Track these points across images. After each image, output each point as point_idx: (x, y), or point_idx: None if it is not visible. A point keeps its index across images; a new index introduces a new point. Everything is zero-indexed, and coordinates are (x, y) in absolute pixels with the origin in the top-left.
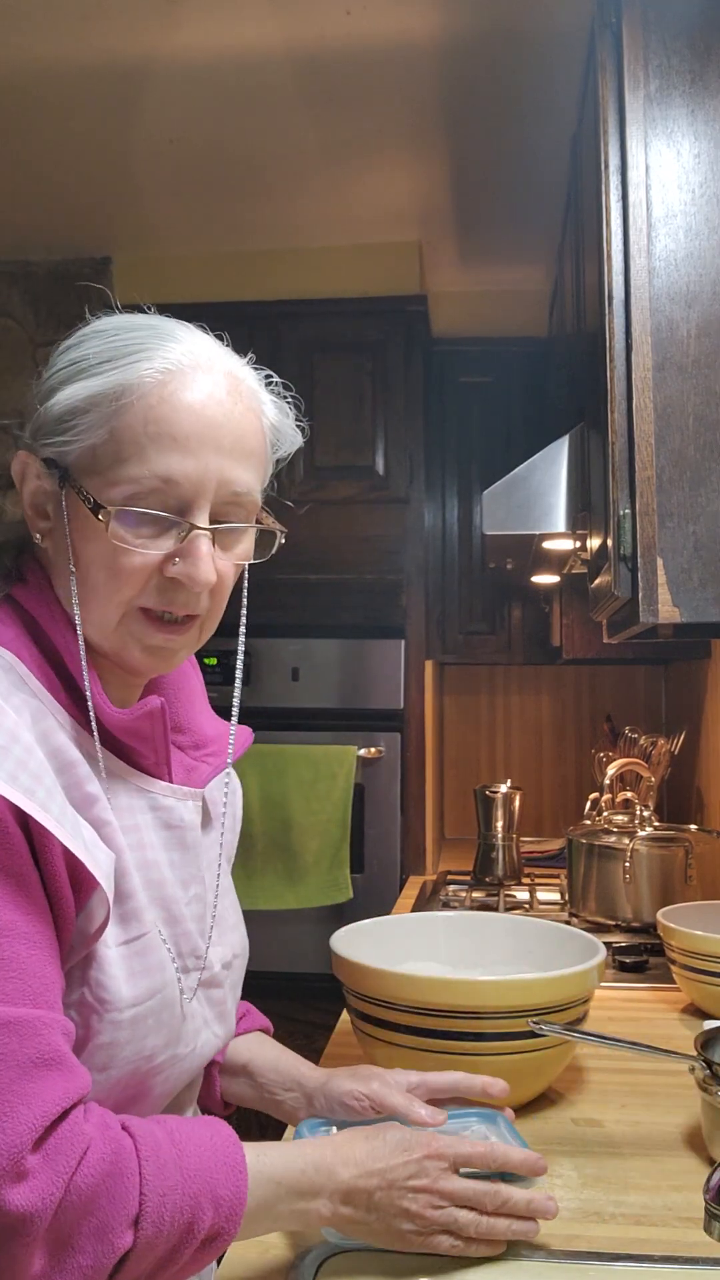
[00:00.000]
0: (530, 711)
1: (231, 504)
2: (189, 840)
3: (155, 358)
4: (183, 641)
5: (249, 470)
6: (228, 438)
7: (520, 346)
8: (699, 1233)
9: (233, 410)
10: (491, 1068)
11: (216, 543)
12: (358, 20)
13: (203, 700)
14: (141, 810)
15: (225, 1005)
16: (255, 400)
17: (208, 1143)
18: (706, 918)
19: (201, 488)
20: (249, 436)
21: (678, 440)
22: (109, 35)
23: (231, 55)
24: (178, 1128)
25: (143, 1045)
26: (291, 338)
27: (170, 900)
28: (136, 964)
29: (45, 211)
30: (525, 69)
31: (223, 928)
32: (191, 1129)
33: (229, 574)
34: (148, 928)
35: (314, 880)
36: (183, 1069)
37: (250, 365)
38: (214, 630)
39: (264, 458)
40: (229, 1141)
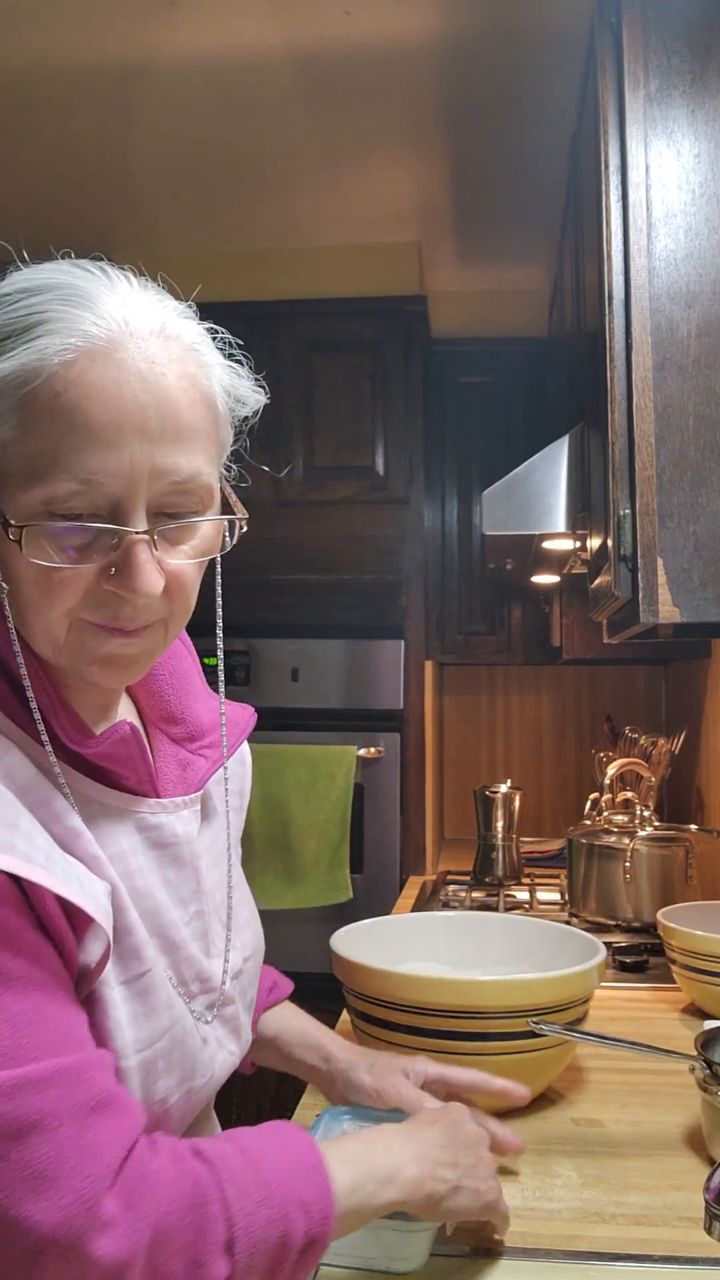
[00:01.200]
0: (530, 711)
1: (176, 493)
2: (184, 855)
3: (61, 330)
4: (143, 646)
5: (190, 452)
6: (155, 419)
7: (520, 346)
8: (699, 1233)
9: (160, 383)
10: (491, 1068)
11: (162, 542)
12: (357, 20)
13: (198, 684)
14: (127, 834)
15: (239, 1020)
16: (193, 362)
17: (283, 1149)
18: (706, 918)
19: (130, 484)
20: (185, 411)
21: (678, 440)
22: (108, 35)
23: (231, 55)
24: (249, 1142)
25: (153, 1091)
26: (291, 338)
27: (167, 926)
28: (140, 1005)
29: (44, 212)
30: (525, 69)
31: (234, 927)
32: (262, 1138)
33: (186, 572)
34: (149, 964)
35: (314, 880)
36: (199, 1100)
37: (188, 317)
38: (183, 627)
39: (212, 432)
40: (304, 1145)
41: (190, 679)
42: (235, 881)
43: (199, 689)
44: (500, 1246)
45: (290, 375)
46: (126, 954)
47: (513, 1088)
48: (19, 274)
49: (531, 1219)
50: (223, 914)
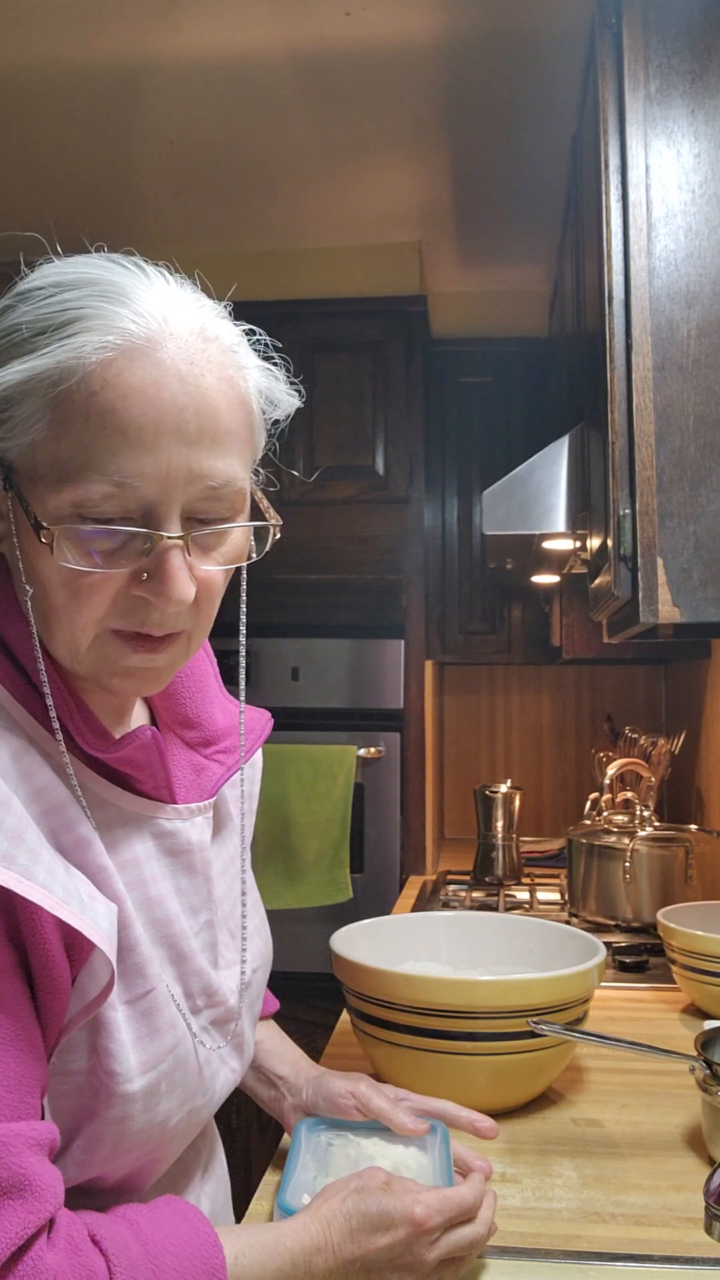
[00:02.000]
0: (530, 711)
1: (209, 499)
2: (197, 863)
3: (98, 327)
4: (166, 659)
5: (226, 456)
6: (193, 421)
7: (520, 346)
8: (699, 1233)
9: (200, 385)
10: (491, 1068)
11: (194, 549)
12: (358, 21)
13: (214, 688)
14: (141, 840)
15: (244, 1036)
16: (231, 365)
17: (186, 1249)
18: (707, 918)
19: (166, 488)
20: (223, 415)
21: (678, 440)
22: (110, 37)
23: (232, 56)
24: (153, 1233)
25: (155, 1114)
26: (292, 338)
27: (177, 937)
28: (144, 1026)
29: (45, 212)
30: (525, 69)
31: (246, 937)
32: (167, 1230)
33: (215, 581)
34: (154, 983)
35: (314, 880)
36: (200, 1119)
37: (226, 317)
38: (204, 639)
39: (247, 436)
40: (208, 1245)
41: (206, 682)
42: (243, 889)
43: (215, 693)
44: None
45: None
46: (129, 972)
47: (479, 1118)
48: (51, 267)
49: (531, 1219)
50: (232, 923)
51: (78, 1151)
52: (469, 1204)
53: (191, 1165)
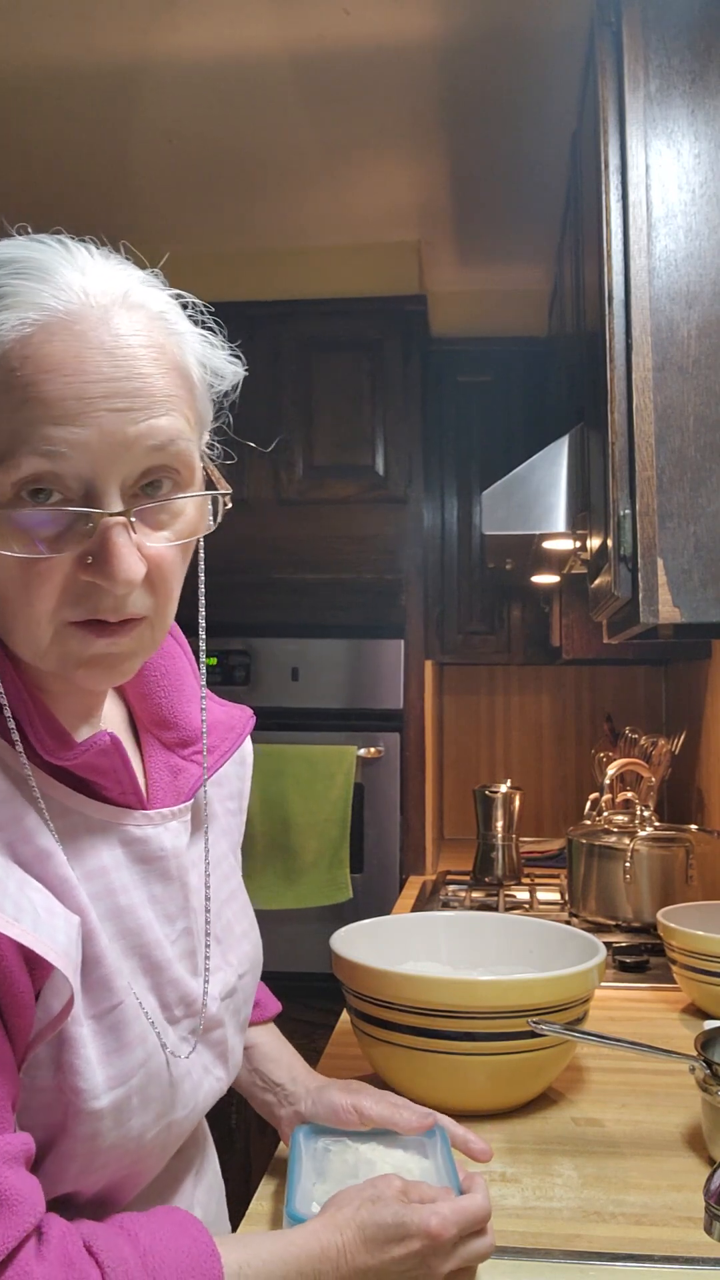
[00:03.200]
0: (530, 711)
1: (157, 466)
2: (172, 870)
3: (16, 304)
4: (130, 644)
5: (164, 415)
6: (122, 388)
7: (520, 346)
8: (699, 1233)
9: (126, 352)
10: (491, 1068)
11: (141, 526)
12: (357, 20)
13: (192, 686)
14: (109, 848)
15: (228, 1043)
16: (160, 330)
17: (184, 1260)
18: (707, 918)
19: (99, 460)
20: (154, 378)
21: (678, 440)
22: (108, 35)
23: (230, 55)
24: (151, 1245)
25: (128, 1130)
26: (290, 337)
27: (150, 947)
28: (112, 1040)
29: (45, 212)
30: (525, 69)
31: (228, 941)
32: (165, 1240)
33: (168, 558)
34: (121, 995)
35: (313, 880)
36: (181, 1131)
37: (154, 285)
38: (170, 622)
39: (187, 398)
40: (206, 1254)
41: (183, 681)
42: (232, 892)
43: (193, 692)
44: None
45: (290, 375)
46: (96, 986)
47: (476, 1142)
48: None
49: (531, 1218)
50: (218, 926)
51: (50, 1167)
52: (482, 1214)
53: (181, 1173)
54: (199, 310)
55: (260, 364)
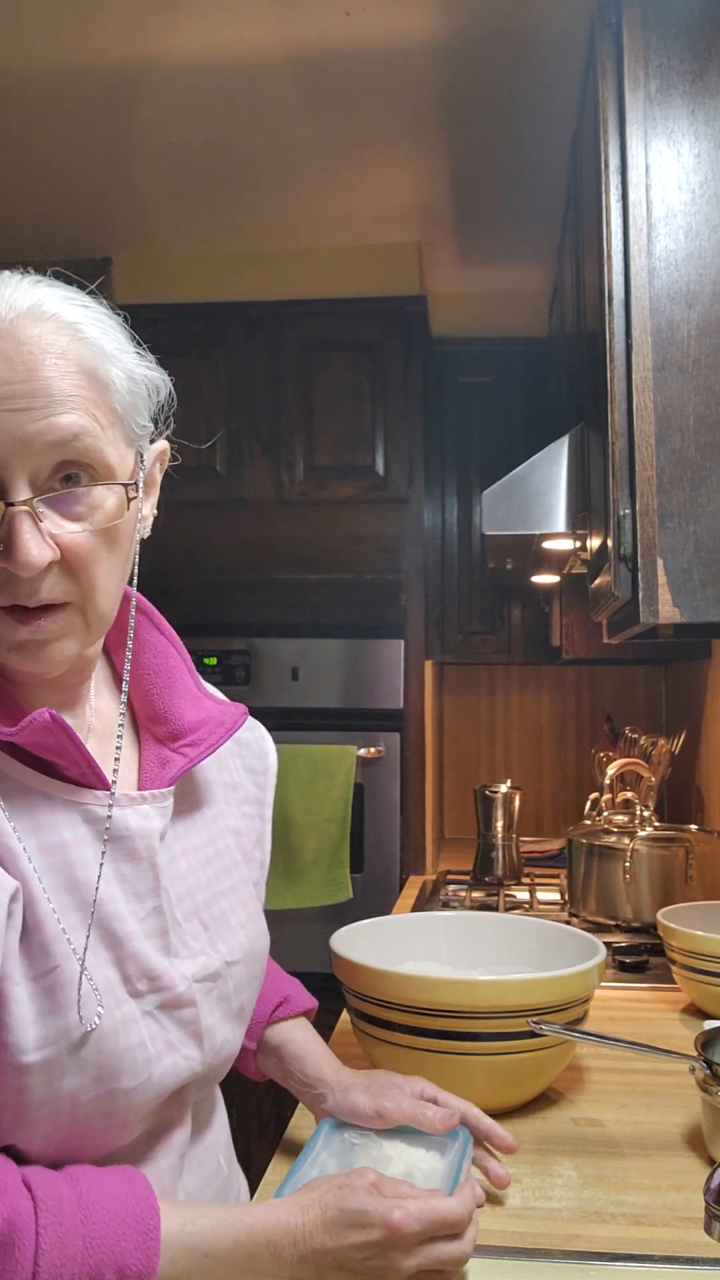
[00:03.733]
0: (530, 711)
1: (64, 462)
2: (140, 849)
3: None
4: (57, 630)
5: (66, 414)
6: (21, 390)
7: (520, 346)
8: (699, 1233)
9: (26, 359)
10: (491, 1067)
11: (52, 514)
12: (357, 21)
13: (184, 683)
14: (71, 825)
15: (199, 1025)
16: (69, 337)
17: (121, 1207)
18: (707, 918)
19: (3, 456)
20: (55, 381)
21: (678, 441)
22: (108, 36)
23: (231, 56)
24: (91, 1188)
25: (58, 1088)
26: (291, 338)
27: (111, 919)
28: (46, 1002)
29: (45, 212)
30: (525, 69)
31: (219, 930)
32: (107, 1189)
33: (83, 545)
34: (58, 960)
35: (313, 880)
36: (133, 1102)
37: (79, 304)
38: (109, 612)
39: (97, 400)
40: (145, 1206)
41: (175, 678)
42: (233, 886)
43: (186, 689)
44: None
45: (291, 375)
46: (35, 950)
47: (500, 1133)
48: None
49: (531, 1218)
50: (207, 914)
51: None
52: (453, 1218)
53: (159, 1154)
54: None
55: (261, 364)
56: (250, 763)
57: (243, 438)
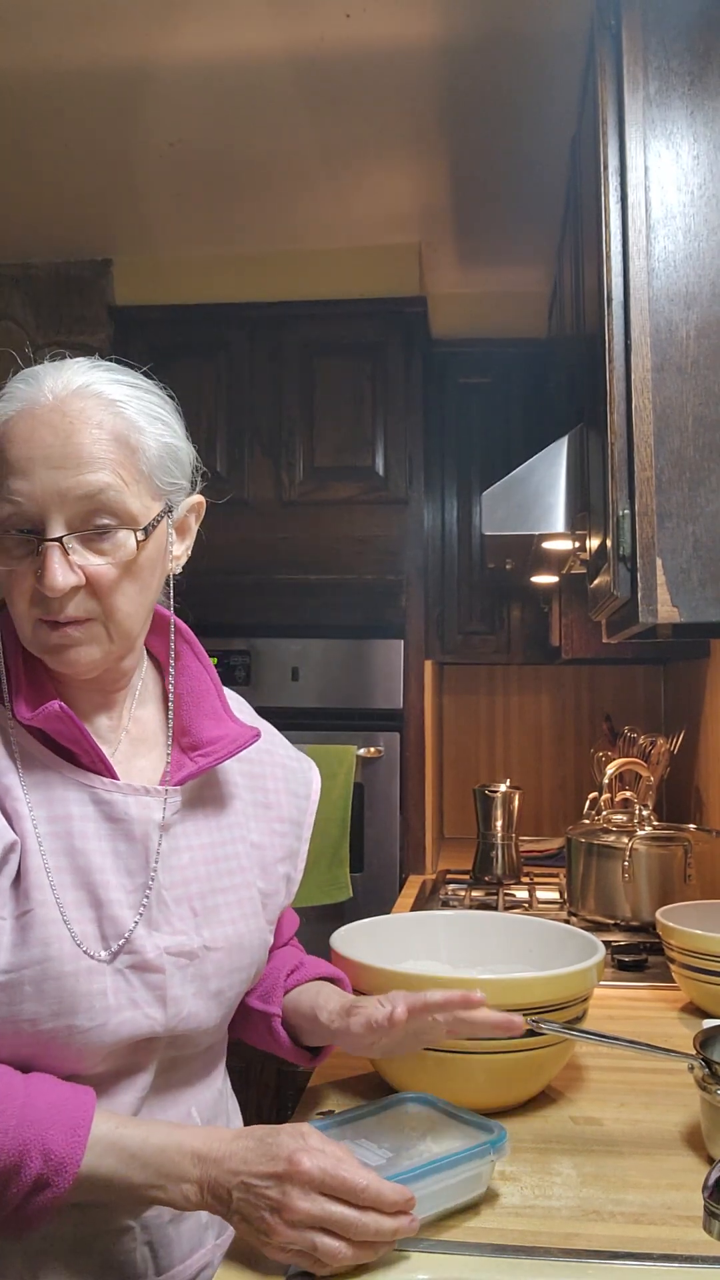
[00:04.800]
0: (530, 711)
1: (94, 510)
2: (136, 833)
3: (12, 400)
4: (80, 637)
5: (93, 474)
6: (58, 453)
7: (520, 348)
8: (698, 1231)
9: (66, 428)
10: (491, 1066)
11: (79, 549)
12: (357, 23)
13: (213, 705)
14: (80, 803)
15: (169, 993)
16: (108, 413)
17: (58, 1100)
18: (705, 917)
19: (44, 503)
20: (86, 447)
21: (677, 441)
22: (110, 39)
23: (232, 58)
24: (39, 1084)
25: (20, 1010)
26: (292, 339)
27: (97, 885)
28: (18, 935)
29: (46, 214)
30: (525, 71)
31: (207, 917)
32: (54, 1088)
33: (104, 574)
34: (33, 905)
35: (313, 879)
36: (91, 1041)
37: (132, 385)
38: (131, 629)
39: (125, 463)
40: (81, 1105)
41: (204, 699)
42: (234, 886)
43: (212, 708)
44: None
45: (291, 376)
46: (20, 894)
47: (469, 994)
48: (23, 371)
49: (530, 1217)
50: (199, 901)
51: None
52: (358, 1187)
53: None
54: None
55: (262, 366)
56: (294, 788)
57: (243, 439)
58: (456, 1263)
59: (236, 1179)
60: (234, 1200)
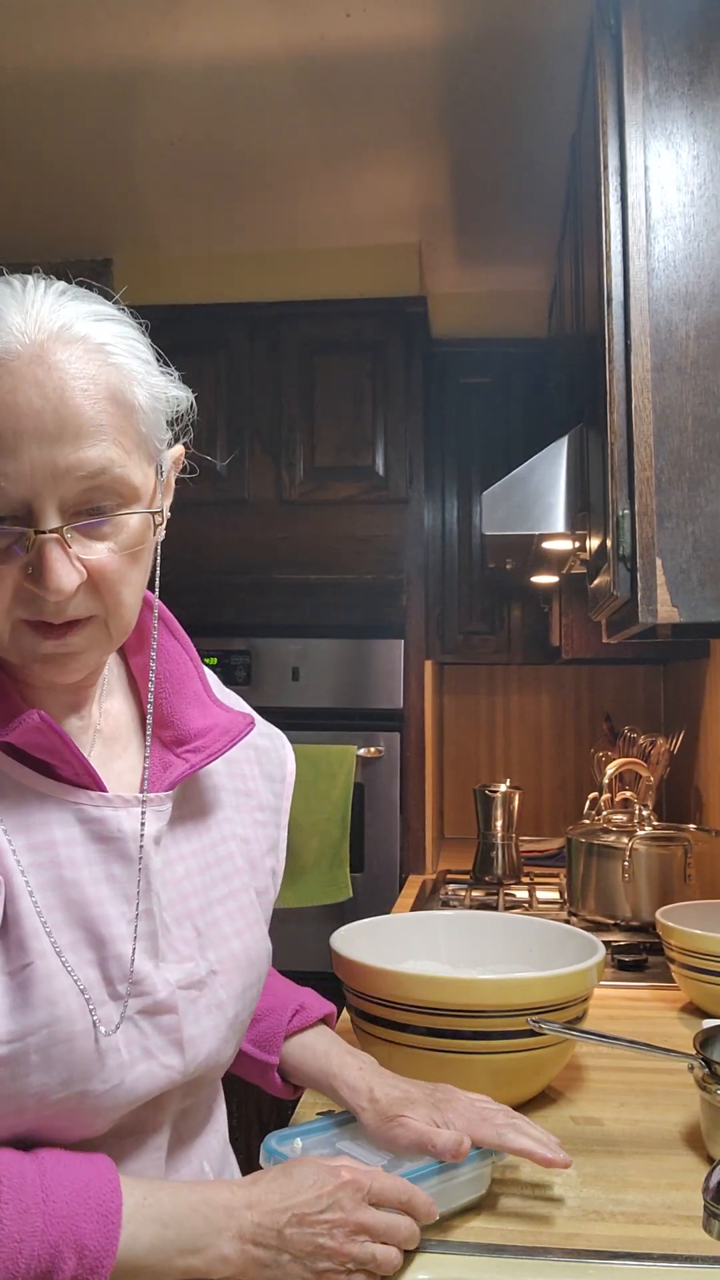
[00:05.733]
0: (530, 711)
1: (90, 490)
2: (130, 851)
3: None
4: (81, 644)
5: (95, 446)
6: (52, 421)
7: (520, 347)
8: (698, 1231)
9: (57, 386)
10: (491, 1066)
11: (80, 539)
12: (357, 21)
13: (195, 690)
14: (63, 824)
15: (183, 1033)
16: (98, 361)
17: (82, 1186)
18: (705, 916)
19: (34, 486)
20: (85, 410)
21: (677, 441)
22: (110, 37)
23: (232, 57)
24: (54, 1167)
25: (25, 1084)
26: (292, 338)
27: (96, 921)
28: (18, 997)
29: (46, 213)
30: (525, 70)
31: (211, 936)
32: (70, 1169)
33: (109, 565)
34: (33, 957)
35: (314, 879)
36: (102, 1105)
37: (103, 318)
38: (132, 622)
39: (124, 427)
40: (106, 1185)
41: (185, 684)
42: (232, 892)
43: (195, 695)
44: None
45: (291, 376)
46: (11, 945)
47: (541, 1154)
48: None
49: (530, 1217)
50: (200, 919)
51: None
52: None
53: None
54: (145, 329)
55: (262, 365)
56: (268, 770)
57: (243, 438)
58: (457, 1263)
59: (286, 1214)
60: (286, 1238)
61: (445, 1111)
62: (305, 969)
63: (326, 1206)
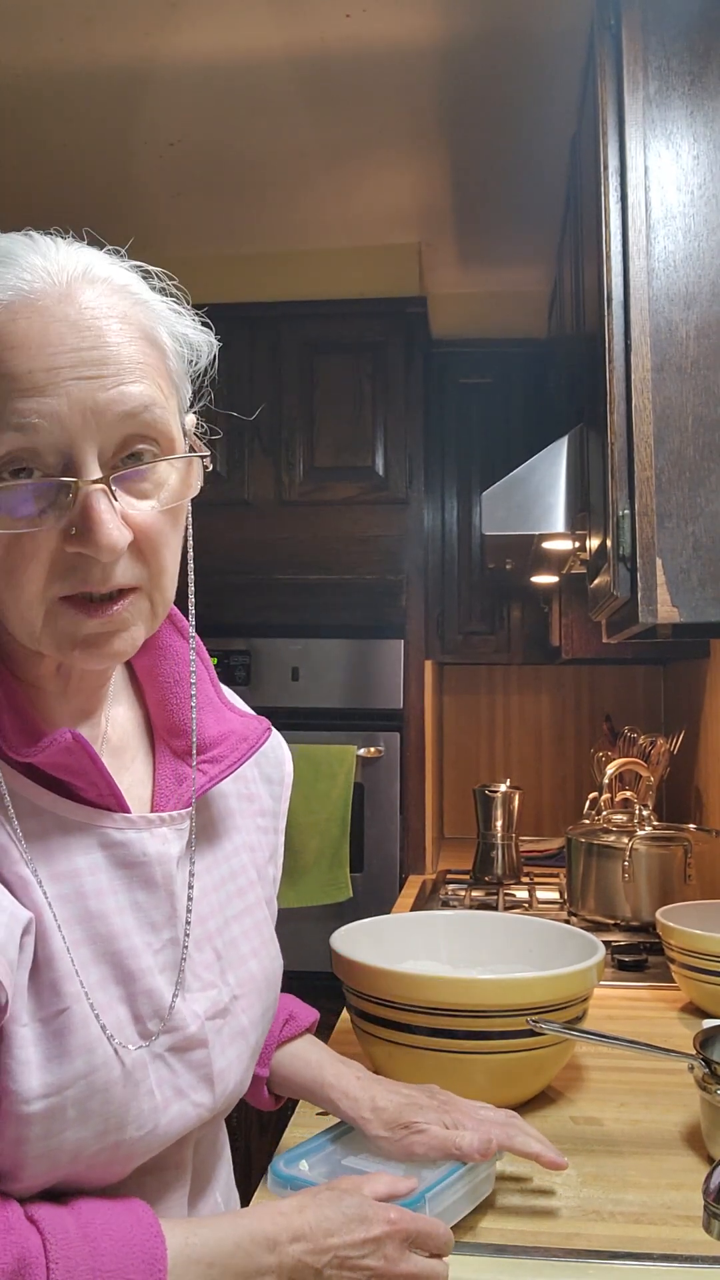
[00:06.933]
0: (530, 711)
1: (133, 434)
2: (156, 876)
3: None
4: (125, 619)
5: (137, 382)
6: (90, 358)
7: (520, 347)
8: (698, 1231)
9: (91, 323)
10: (491, 1066)
11: (123, 493)
12: (358, 22)
13: (209, 694)
14: (86, 850)
15: (213, 1067)
16: (126, 301)
17: (124, 1236)
18: (705, 916)
19: (74, 429)
20: (123, 346)
21: (677, 441)
22: (110, 38)
23: (232, 58)
24: (93, 1219)
25: (59, 1140)
26: (292, 339)
27: (124, 955)
28: (54, 1046)
29: (46, 214)
30: (525, 71)
31: (230, 959)
32: (110, 1219)
33: (154, 525)
34: (68, 1001)
35: (314, 879)
36: (134, 1152)
37: (118, 262)
38: (171, 596)
39: (159, 367)
40: (147, 1232)
41: (199, 689)
42: (247, 908)
43: (207, 698)
44: None
45: (291, 376)
46: (44, 989)
47: (549, 1156)
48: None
49: (530, 1217)
50: (219, 941)
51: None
52: (443, 1235)
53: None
54: (163, 279)
55: (262, 366)
56: (268, 772)
57: (243, 438)
58: (457, 1263)
59: (329, 1254)
60: (323, 1276)
61: (452, 1113)
62: (305, 969)
63: (370, 1253)
